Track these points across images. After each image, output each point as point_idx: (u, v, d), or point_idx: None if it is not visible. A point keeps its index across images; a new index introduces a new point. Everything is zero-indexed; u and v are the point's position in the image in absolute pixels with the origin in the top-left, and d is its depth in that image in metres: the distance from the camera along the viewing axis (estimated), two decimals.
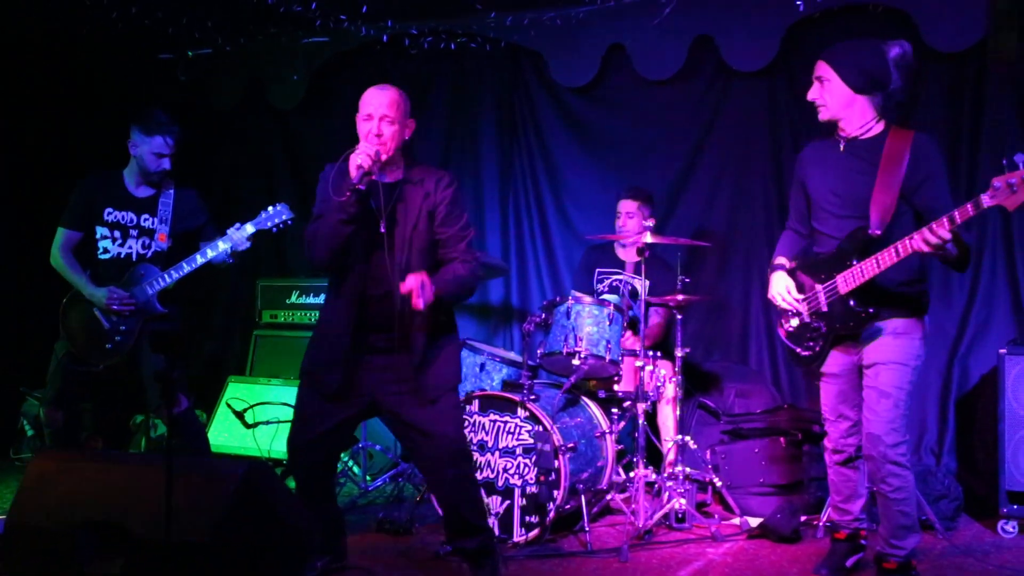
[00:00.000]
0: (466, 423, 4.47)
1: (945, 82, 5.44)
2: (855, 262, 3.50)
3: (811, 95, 3.67)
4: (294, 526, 3.22)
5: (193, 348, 6.88)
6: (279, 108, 6.77)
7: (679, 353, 4.80)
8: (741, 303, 5.91)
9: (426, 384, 3.54)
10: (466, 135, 6.46)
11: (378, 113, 3.50)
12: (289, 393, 5.74)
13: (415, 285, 3.32)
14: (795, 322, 3.78)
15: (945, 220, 3.22)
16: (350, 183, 3.35)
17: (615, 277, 5.42)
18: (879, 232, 3.47)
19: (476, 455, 4.42)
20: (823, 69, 3.63)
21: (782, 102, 5.78)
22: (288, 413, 5.52)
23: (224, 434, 5.85)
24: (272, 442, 5.55)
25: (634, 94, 6.06)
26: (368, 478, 5.42)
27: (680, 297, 4.75)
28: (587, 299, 4.73)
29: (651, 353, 4.75)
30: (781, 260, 3.88)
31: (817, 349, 3.71)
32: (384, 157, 3.47)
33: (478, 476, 4.32)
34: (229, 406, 5.71)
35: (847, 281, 3.53)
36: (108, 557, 2.96)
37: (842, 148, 3.65)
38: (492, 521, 4.36)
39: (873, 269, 3.45)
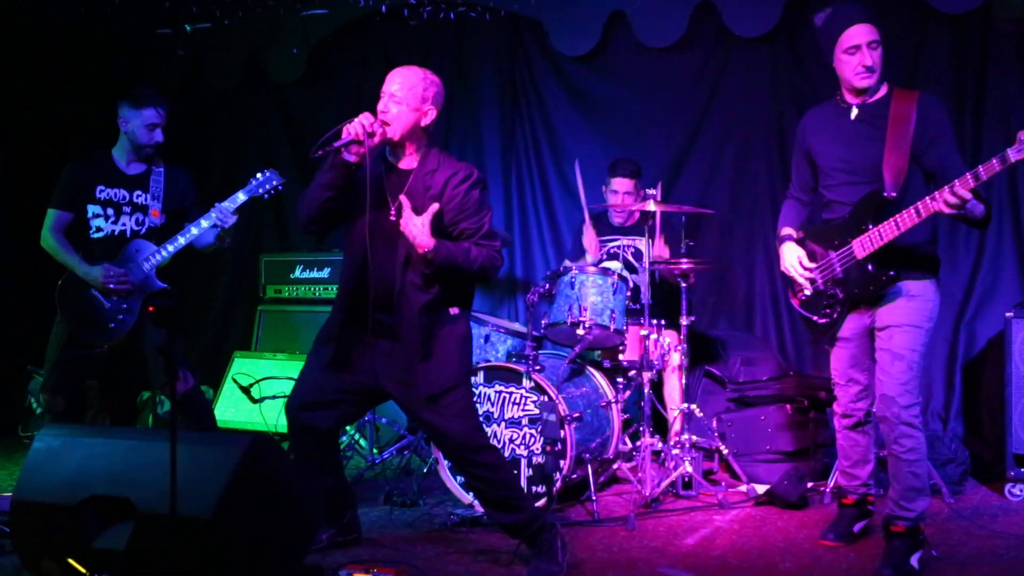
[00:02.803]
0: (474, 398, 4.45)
1: (948, 44, 5.39)
2: (871, 226, 3.46)
3: (869, 61, 3.49)
4: (298, 499, 3.23)
5: (197, 324, 6.89)
6: (278, 82, 6.73)
7: (684, 321, 4.78)
8: (746, 271, 5.89)
9: (423, 382, 3.46)
10: (467, 105, 6.42)
11: (388, 90, 3.46)
12: (294, 368, 5.75)
13: (409, 228, 3.31)
14: (808, 291, 3.75)
15: (969, 177, 3.18)
16: (331, 146, 3.32)
17: (612, 244, 5.39)
18: (895, 194, 3.44)
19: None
20: (876, 33, 3.52)
21: (784, 68, 5.75)
22: None
23: (231, 409, 5.86)
24: (279, 417, 5.55)
25: (635, 62, 6.02)
26: (375, 451, 5.43)
27: (685, 264, 4.73)
28: (591, 269, 4.71)
29: (655, 322, 4.74)
30: (788, 231, 3.84)
31: (835, 316, 3.67)
32: (380, 134, 3.38)
33: None
34: (235, 381, 5.73)
35: (864, 245, 3.49)
36: (114, 532, 2.98)
37: (854, 114, 3.61)
38: None
39: (892, 231, 3.41)
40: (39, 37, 6.47)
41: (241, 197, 4.48)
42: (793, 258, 3.75)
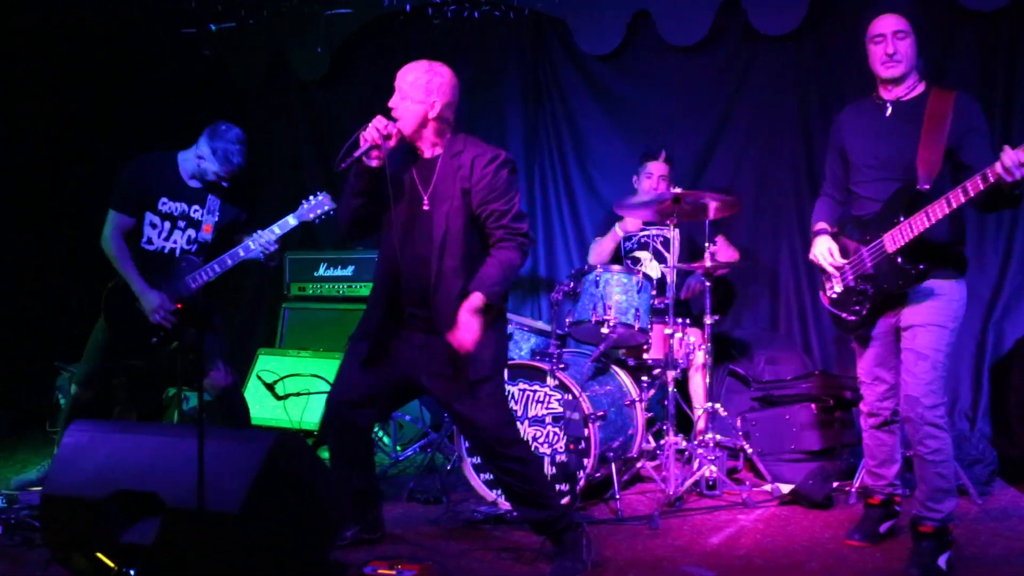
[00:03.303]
0: None
1: (978, 42, 5.35)
2: (903, 219, 3.44)
3: (890, 49, 3.51)
4: (324, 496, 3.25)
5: (223, 322, 6.93)
6: (303, 81, 6.76)
7: (708, 320, 4.76)
8: (770, 270, 5.87)
9: (462, 373, 3.48)
10: (490, 104, 6.42)
11: (396, 88, 3.51)
12: (319, 365, 5.77)
13: (462, 340, 3.35)
14: (839, 287, 3.73)
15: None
16: (352, 156, 3.36)
17: (642, 234, 5.38)
18: (928, 187, 3.41)
19: None
20: (904, 23, 3.52)
21: (810, 66, 5.71)
22: (318, 385, 5.56)
23: (255, 406, 5.87)
24: (303, 413, 5.58)
25: (660, 61, 6.00)
26: (399, 448, 5.45)
27: (709, 264, 4.71)
28: (616, 267, 4.72)
29: (680, 320, 4.73)
30: (822, 225, 3.82)
31: (864, 313, 3.65)
32: (395, 134, 3.42)
33: None
34: (260, 378, 5.75)
35: (895, 239, 3.46)
36: (142, 527, 3.00)
37: (889, 111, 3.59)
38: None
39: (923, 223, 3.37)
40: (64, 36, 6.52)
41: (291, 222, 4.42)
42: (824, 248, 3.73)
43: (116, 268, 4.36)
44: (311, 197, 4.47)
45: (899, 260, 3.47)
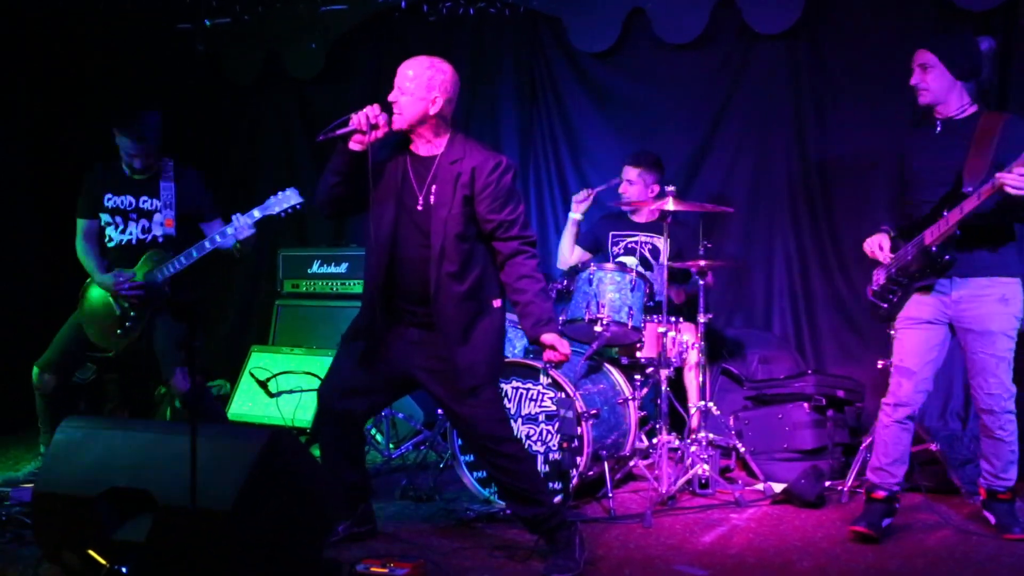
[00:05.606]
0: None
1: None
2: (945, 214, 3.69)
3: (914, 80, 3.86)
4: (317, 493, 3.24)
5: (215, 318, 6.92)
6: (297, 78, 6.75)
7: (702, 319, 4.76)
8: (764, 268, 5.87)
9: (456, 372, 3.48)
10: (485, 102, 6.41)
11: (397, 81, 3.50)
12: (312, 362, 5.76)
13: (557, 356, 3.51)
14: (883, 280, 4.00)
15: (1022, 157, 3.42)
16: (334, 133, 3.38)
17: (631, 239, 5.39)
18: (971, 189, 3.63)
19: None
20: (927, 57, 3.83)
21: (805, 65, 5.70)
22: (311, 382, 5.55)
23: (248, 403, 5.88)
24: (296, 411, 5.57)
25: (655, 59, 5.99)
26: (391, 446, 5.44)
27: (703, 263, 4.72)
28: (609, 266, 4.72)
29: (673, 319, 4.73)
30: (886, 227, 4.07)
31: (895, 300, 3.93)
32: (383, 125, 3.41)
33: None
34: (252, 375, 5.74)
35: (933, 232, 3.73)
36: (134, 524, 2.99)
37: (939, 129, 3.87)
38: None
39: (957, 215, 3.63)
40: (57, 31, 6.49)
41: (256, 215, 4.52)
42: (875, 240, 4.01)
43: (83, 265, 4.62)
44: (278, 192, 4.56)
45: (932, 249, 3.73)
